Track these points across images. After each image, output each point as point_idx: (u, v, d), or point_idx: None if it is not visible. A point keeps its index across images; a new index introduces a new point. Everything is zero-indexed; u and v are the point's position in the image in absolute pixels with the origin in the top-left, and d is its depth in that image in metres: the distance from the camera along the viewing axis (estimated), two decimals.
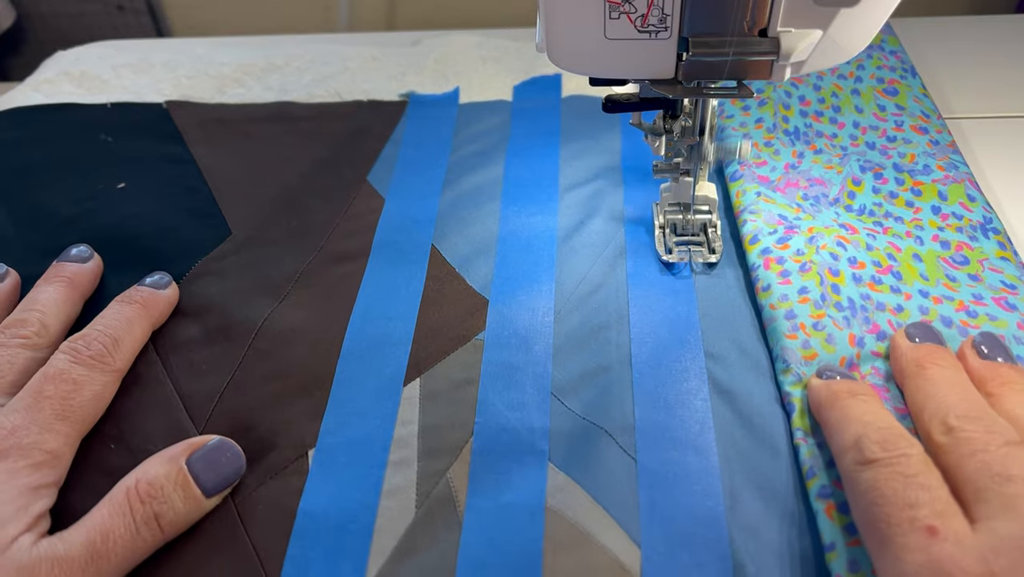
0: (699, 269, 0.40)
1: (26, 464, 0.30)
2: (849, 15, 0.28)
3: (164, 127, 0.53)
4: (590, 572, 0.29)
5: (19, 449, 0.30)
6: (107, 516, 0.29)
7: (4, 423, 0.31)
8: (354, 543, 0.30)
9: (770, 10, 0.28)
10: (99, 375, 0.34)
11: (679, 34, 0.29)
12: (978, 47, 0.57)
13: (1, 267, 0.41)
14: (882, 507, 0.26)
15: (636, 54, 0.30)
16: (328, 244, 0.44)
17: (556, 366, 0.37)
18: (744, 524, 0.30)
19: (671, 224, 0.42)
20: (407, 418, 0.35)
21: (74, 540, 0.28)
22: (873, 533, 0.26)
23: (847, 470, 0.28)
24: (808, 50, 0.28)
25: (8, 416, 0.31)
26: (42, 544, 0.28)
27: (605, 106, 0.35)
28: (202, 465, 0.31)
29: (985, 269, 0.38)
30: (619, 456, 0.33)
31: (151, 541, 0.30)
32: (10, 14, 0.82)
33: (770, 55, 0.28)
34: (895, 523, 0.25)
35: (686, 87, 0.31)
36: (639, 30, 0.29)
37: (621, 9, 0.28)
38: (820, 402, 0.32)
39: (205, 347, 0.38)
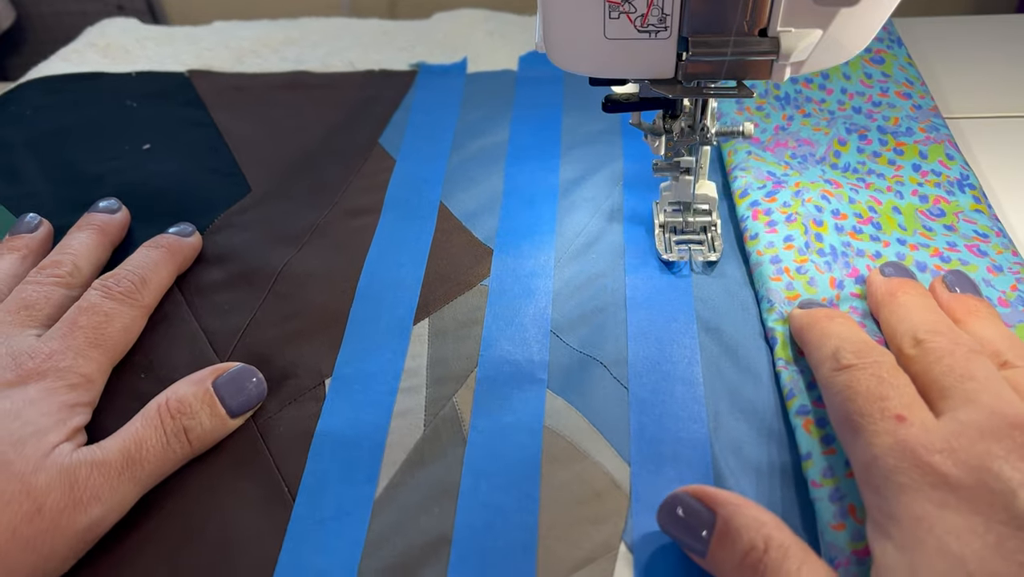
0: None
1: (63, 384, 0.33)
2: (849, 15, 0.28)
3: (186, 94, 0.56)
4: (584, 483, 0.32)
5: (56, 371, 0.33)
6: (140, 428, 0.32)
7: (42, 348, 0.34)
8: (367, 456, 0.33)
9: (770, 10, 0.28)
10: (128, 309, 0.37)
11: (679, 34, 0.29)
12: (978, 47, 0.57)
13: (35, 218, 0.43)
14: (855, 402, 0.28)
15: (636, 54, 0.30)
16: (342, 200, 0.47)
17: (555, 309, 0.39)
18: (726, 443, 0.33)
19: (671, 224, 0.42)
20: (417, 352, 0.37)
21: (111, 448, 0.31)
22: (847, 426, 0.28)
23: (825, 378, 0.31)
24: (808, 50, 0.29)
25: (46, 343, 0.34)
26: (81, 450, 0.31)
27: (605, 106, 0.35)
28: (227, 388, 0.34)
29: (960, 220, 0.41)
30: (612, 385, 0.35)
31: (180, 453, 0.32)
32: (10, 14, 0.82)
33: (770, 55, 0.28)
34: (867, 414, 0.27)
35: (686, 87, 0.31)
36: (639, 30, 0.29)
37: (621, 9, 0.28)
38: (801, 326, 0.34)
39: (228, 290, 0.41)
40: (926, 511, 0.23)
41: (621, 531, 0.30)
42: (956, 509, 0.23)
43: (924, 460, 0.24)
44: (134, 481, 0.31)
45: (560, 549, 0.30)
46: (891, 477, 0.25)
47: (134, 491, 0.31)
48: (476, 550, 0.30)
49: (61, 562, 0.29)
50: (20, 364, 0.32)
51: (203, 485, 0.33)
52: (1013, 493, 0.22)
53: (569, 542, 0.30)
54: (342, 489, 0.32)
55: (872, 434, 0.26)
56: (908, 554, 0.23)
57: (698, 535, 0.27)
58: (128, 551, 0.30)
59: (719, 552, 0.27)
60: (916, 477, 0.24)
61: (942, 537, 0.22)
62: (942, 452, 0.24)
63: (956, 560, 0.22)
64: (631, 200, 0.45)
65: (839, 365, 0.30)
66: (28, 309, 0.36)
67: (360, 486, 0.32)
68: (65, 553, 0.29)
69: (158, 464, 0.31)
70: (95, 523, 0.29)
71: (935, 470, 0.24)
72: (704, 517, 0.27)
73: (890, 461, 0.25)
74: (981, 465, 0.23)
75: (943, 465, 0.24)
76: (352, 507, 0.31)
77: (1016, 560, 0.21)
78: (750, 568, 0.25)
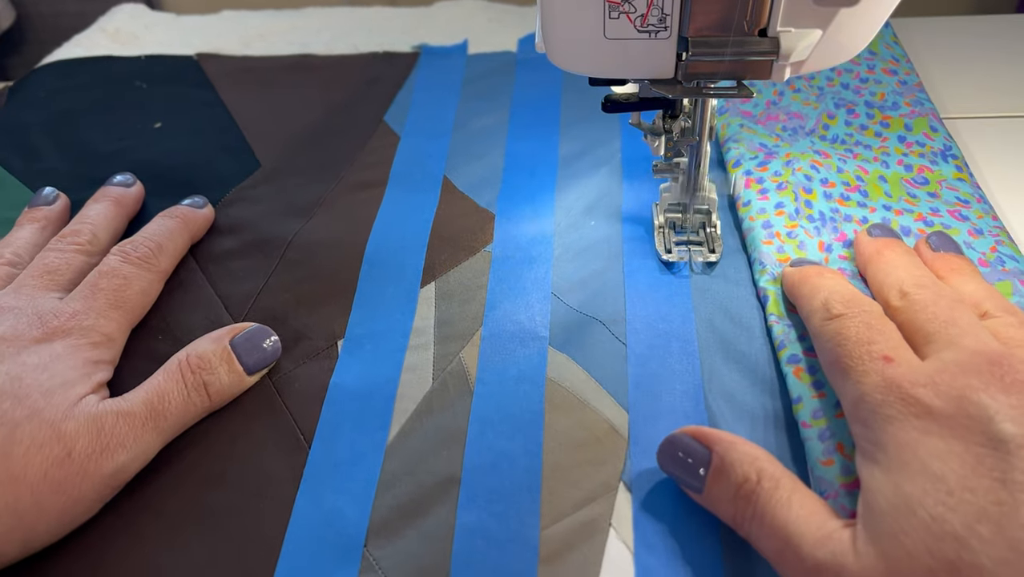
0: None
1: (86, 342, 0.34)
2: (849, 15, 0.28)
3: (195, 76, 0.57)
4: (585, 429, 0.33)
5: (80, 329, 0.35)
6: (163, 381, 0.33)
7: (66, 308, 0.35)
8: (379, 407, 0.35)
9: (770, 10, 0.28)
10: (146, 273, 0.39)
11: (679, 34, 0.29)
12: (978, 47, 0.57)
13: (53, 191, 0.45)
14: (844, 347, 0.29)
15: (636, 54, 0.30)
16: (349, 174, 0.48)
17: (556, 272, 0.41)
18: (720, 392, 0.34)
19: (670, 224, 0.42)
20: (424, 314, 0.39)
21: (135, 399, 0.33)
22: (837, 369, 0.30)
23: (816, 327, 0.32)
24: (808, 50, 0.29)
25: (69, 303, 0.36)
26: (107, 401, 0.32)
27: (605, 106, 0.35)
28: (244, 346, 0.36)
29: (943, 188, 0.43)
30: (611, 341, 0.37)
31: (200, 406, 0.34)
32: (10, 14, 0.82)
33: (770, 55, 0.28)
34: (855, 357, 0.29)
35: (686, 87, 0.31)
36: (639, 30, 0.29)
37: (621, 9, 0.28)
38: (793, 282, 0.36)
39: (240, 258, 0.43)
40: (911, 437, 0.25)
41: (620, 472, 0.32)
42: (938, 435, 0.24)
43: (909, 393, 0.26)
44: (157, 431, 0.32)
45: (562, 489, 0.31)
46: (878, 410, 0.26)
47: (157, 440, 0.32)
48: (483, 489, 0.31)
49: (89, 505, 0.30)
50: (46, 323, 0.34)
51: (223, 436, 0.34)
52: (990, 419, 0.24)
53: (571, 483, 0.31)
54: (355, 436, 0.34)
55: (861, 374, 0.28)
56: (894, 475, 0.25)
57: (695, 473, 0.29)
58: (153, 496, 0.32)
59: (714, 487, 0.28)
60: (901, 409, 0.26)
61: (925, 459, 0.24)
62: (926, 386, 0.26)
63: (938, 478, 0.23)
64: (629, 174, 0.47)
65: (829, 315, 0.31)
66: (51, 274, 0.38)
67: (373, 433, 0.34)
68: (92, 496, 0.30)
69: (179, 416, 0.33)
70: (120, 469, 0.31)
71: (919, 402, 0.26)
72: (701, 455, 0.29)
73: (877, 396, 0.27)
74: (961, 396, 0.25)
75: (926, 397, 0.26)
76: (365, 451, 0.33)
77: (992, 476, 0.23)
78: (743, 499, 0.27)
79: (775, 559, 0.26)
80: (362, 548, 0.30)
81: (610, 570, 0.29)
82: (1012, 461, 0.22)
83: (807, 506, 0.26)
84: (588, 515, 0.30)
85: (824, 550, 0.25)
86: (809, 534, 0.25)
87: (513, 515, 0.31)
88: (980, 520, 0.22)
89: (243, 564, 0.30)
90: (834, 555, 0.24)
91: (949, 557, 0.22)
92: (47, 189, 0.45)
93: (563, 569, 0.29)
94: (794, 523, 0.26)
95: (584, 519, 0.30)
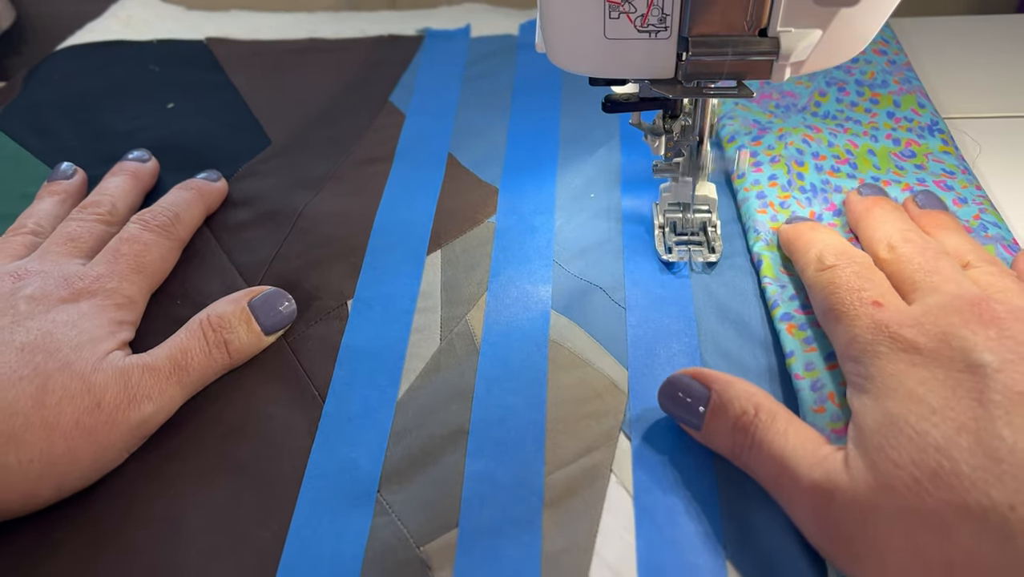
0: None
1: (110, 303, 0.36)
2: (849, 15, 0.28)
3: (206, 59, 0.59)
4: (586, 386, 0.35)
5: (104, 292, 0.36)
6: (185, 339, 0.35)
7: (90, 272, 0.37)
8: (389, 365, 0.36)
9: (770, 10, 0.28)
10: (164, 240, 0.41)
11: (679, 34, 0.29)
12: (978, 47, 0.57)
13: (71, 166, 0.47)
14: (836, 295, 0.32)
15: (636, 54, 0.30)
16: (356, 150, 0.50)
17: (558, 242, 0.42)
18: (715, 350, 0.36)
19: (670, 223, 0.42)
20: (430, 279, 0.41)
21: (159, 355, 0.34)
22: (830, 316, 0.32)
23: (810, 278, 0.34)
24: (808, 50, 0.29)
25: (93, 268, 0.37)
26: (133, 356, 0.34)
27: (605, 106, 0.35)
28: (261, 307, 0.37)
29: (929, 160, 0.44)
30: (611, 306, 0.39)
31: (220, 363, 0.35)
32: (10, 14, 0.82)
33: (770, 55, 0.28)
34: (847, 303, 0.31)
35: (686, 87, 0.31)
36: (639, 30, 0.29)
37: (621, 9, 0.28)
38: (788, 237, 0.38)
39: (254, 228, 0.44)
40: (898, 369, 0.27)
41: (620, 424, 0.33)
42: (923, 365, 0.27)
43: (897, 333, 0.28)
44: (180, 385, 0.34)
45: (565, 439, 0.33)
46: (868, 348, 0.29)
47: (180, 394, 0.34)
48: (491, 440, 0.33)
49: (117, 453, 0.32)
50: (71, 284, 0.36)
51: (241, 392, 0.36)
52: (970, 349, 0.26)
53: (573, 434, 0.33)
54: (367, 392, 0.35)
55: (852, 318, 0.30)
56: (881, 400, 0.27)
57: (695, 411, 0.31)
58: (177, 447, 0.34)
59: (712, 423, 0.30)
60: (890, 346, 0.28)
61: (910, 385, 0.26)
62: (912, 326, 0.28)
63: (921, 400, 0.26)
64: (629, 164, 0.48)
65: (823, 266, 0.34)
66: (73, 242, 0.39)
67: (383, 389, 0.35)
68: (120, 445, 0.32)
69: (201, 371, 0.35)
70: (146, 420, 0.32)
71: (906, 339, 0.28)
72: (700, 394, 0.31)
73: (868, 336, 0.29)
74: (944, 332, 0.27)
75: (912, 335, 0.28)
76: (377, 406, 0.35)
77: (971, 396, 0.25)
78: (741, 430, 0.29)
79: (772, 484, 0.28)
80: (375, 494, 0.32)
81: (611, 512, 0.31)
82: (989, 383, 0.24)
83: (802, 434, 0.28)
84: (590, 462, 0.32)
85: (819, 470, 0.27)
86: (805, 458, 0.27)
87: (519, 463, 0.32)
88: (960, 433, 0.24)
89: (263, 508, 0.31)
90: (828, 473, 0.26)
91: (931, 466, 0.24)
92: (65, 164, 0.46)
93: (566, 512, 0.31)
94: (791, 449, 0.28)
95: (586, 466, 0.32)
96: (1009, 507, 0.22)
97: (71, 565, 0.30)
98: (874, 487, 0.25)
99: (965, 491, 0.23)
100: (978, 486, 0.23)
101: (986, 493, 0.22)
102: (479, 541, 0.30)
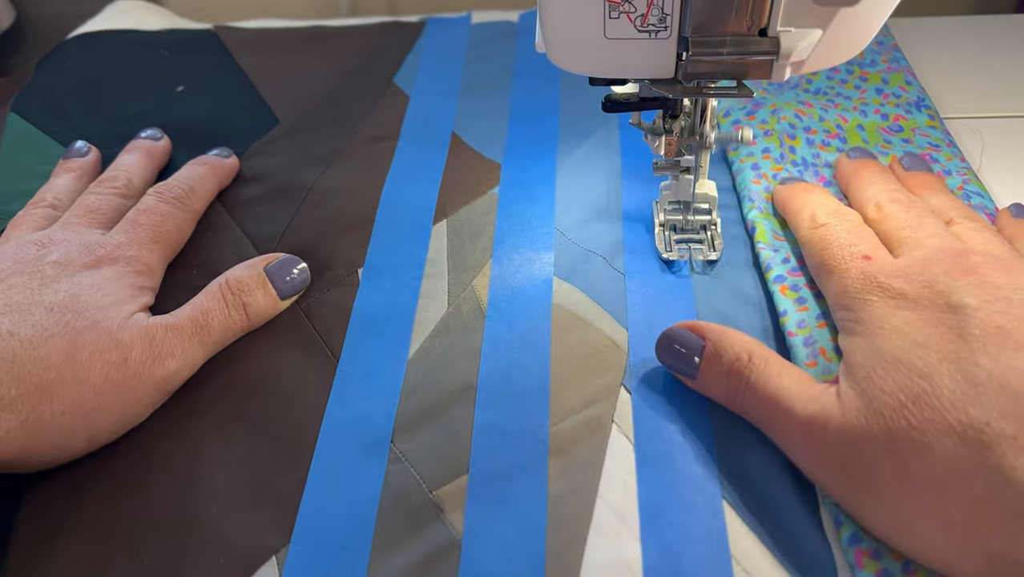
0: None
1: (131, 269, 0.38)
2: (849, 15, 0.28)
3: (214, 44, 0.60)
4: (588, 344, 0.37)
5: (125, 259, 0.38)
6: (206, 301, 0.37)
7: (111, 240, 0.38)
8: (399, 327, 0.38)
9: (770, 10, 0.28)
10: (180, 212, 0.42)
11: (679, 34, 0.29)
12: (978, 47, 0.57)
13: (85, 145, 0.48)
14: (828, 251, 0.34)
15: (636, 54, 0.30)
16: (363, 129, 0.51)
17: (559, 212, 0.44)
18: (711, 311, 0.38)
19: (671, 223, 0.42)
20: (437, 247, 0.42)
21: (182, 315, 0.36)
22: (823, 270, 0.34)
23: (804, 236, 0.37)
24: (808, 50, 0.29)
25: (113, 236, 0.39)
26: (156, 317, 0.35)
27: (605, 106, 0.35)
28: (276, 273, 0.39)
29: (916, 135, 0.46)
30: (612, 273, 0.40)
31: (240, 324, 0.37)
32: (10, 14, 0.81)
33: (770, 55, 0.28)
34: (839, 257, 0.33)
35: (686, 87, 0.31)
36: (639, 30, 0.29)
37: (621, 9, 0.28)
38: (783, 198, 0.40)
39: (265, 202, 0.46)
40: (885, 312, 0.29)
41: (621, 378, 0.35)
42: (908, 308, 0.29)
43: (884, 283, 0.30)
44: (202, 344, 0.35)
45: (569, 393, 0.35)
46: (858, 297, 0.31)
47: (202, 352, 0.36)
48: (498, 394, 0.35)
49: (143, 408, 0.34)
50: (93, 251, 0.37)
51: (258, 354, 0.37)
52: (951, 293, 0.28)
53: (577, 388, 0.35)
54: (379, 352, 0.37)
55: (844, 271, 0.32)
56: (870, 338, 0.29)
57: (690, 361, 0.32)
58: (199, 403, 0.35)
59: (708, 371, 0.32)
60: (879, 295, 0.30)
61: (897, 325, 0.28)
62: (898, 277, 0.30)
63: (908, 336, 0.28)
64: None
65: (816, 224, 0.36)
66: (92, 213, 0.41)
67: (395, 349, 0.37)
68: (146, 400, 0.33)
69: (221, 331, 0.36)
70: (171, 376, 0.34)
71: (893, 288, 0.30)
72: (695, 343, 0.33)
73: (858, 286, 0.31)
74: (929, 280, 0.29)
75: (899, 284, 0.30)
76: (389, 364, 0.36)
77: (952, 332, 0.27)
78: (736, 374, 0.31)
79: (767, 423, 0.30)
80: (389, 443, 0.33)
81: (613, 458, 0.32)
82: (968, 321, 0.27)
83: (795, 375, 0.30)
84: (592, 413, 0.34)
85: (814, 405, 0.29)
86: (799, 395, 0.29)
87: (525, 415, 0.34)
88: (941, 362, 0.26)
89: (282, 460, 0.33)
90: (823, 406, 0.28)
91: (915, 391, 0.26)
92: (79, 143, 0.48)
93: (571, 459, 0.32)
94: (785, 389, 0.30)
95: (589, 417, 0.34)
96: (985, 423, 0.24)
97: (99, 513, 0.31)
98: (864, 412, 0.27)
99: (945, 411, 0.25)
100: (957, 406, 0.25)
101: (965, 412, 0.24)
102: (488, 485, 0.31)
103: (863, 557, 0.28)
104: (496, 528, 0.30)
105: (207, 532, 0.30)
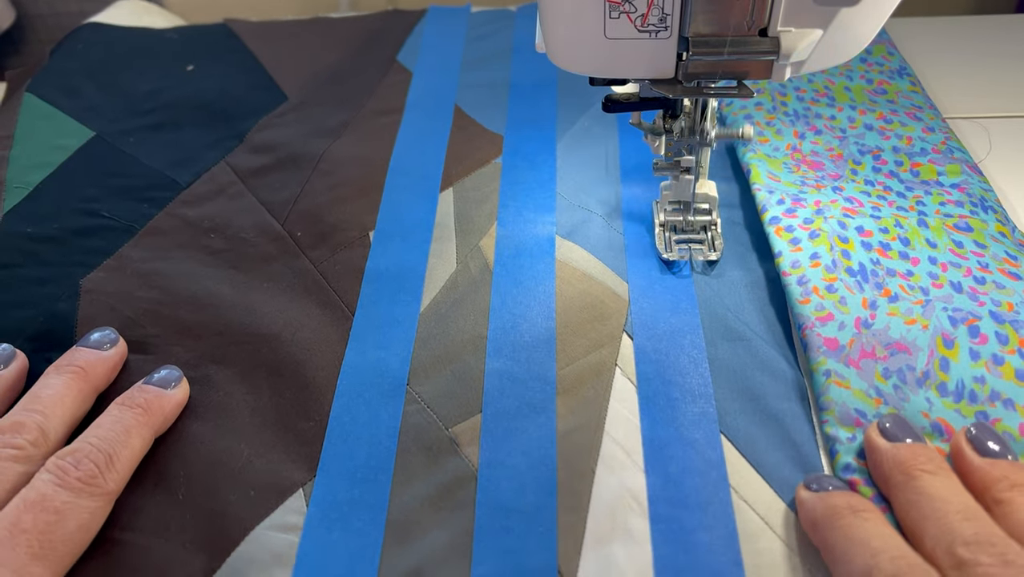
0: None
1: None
2: (849, 15, 0.28)
3: (223, 32, 0.62)
4: (591, 295, 0.39)
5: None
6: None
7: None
8: (411, 284, 0.40)
9: (770, 10, 0.28)
10: (87, 501, 0.29)
11: (679, 34, 0.29)
12: (978, 47, 0.56)
13: (7, 348, 0.35)
14: None
15: (636, 54, 0.30)
16: (369, 103, 0.53)
17: (560, 175, 0.46)
18: (709, 274, 0.40)
19: (671, 224, 0.41)
20: (444, 212, 0.44)
21: None
22: None
23: None
24: (808, 50, 0.28)
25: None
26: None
27: (605, 106, 0.35)
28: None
29: (988, 239, 0.39)
30: (611, 231, 0.42)
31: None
32: (10, 14, 0.82)
33: (770, 55, 0.28)
34: None
35: (686, 87, 0.31)
36: (639, 30, 0.29)
37: (621, 9, 0.28)
38: (816, 520, 0.28)
39: (277, 172, 0.48)
40: None
41: (623, 325, 0.37)
42: None
43: None
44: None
45: (574, 340, 0.37)
46: None
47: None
48: (507, 343, 0.37)
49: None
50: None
51: (275, 309, 0.39)
52: None
53: (581, 335, 0.37)
54: (392, 307, 0.39)
55: None
56: None
57: None
58: (226, 354, 0.37)
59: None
60: None
61: None
62: None
63: None
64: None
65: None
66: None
67: (407, 305, 0.39)
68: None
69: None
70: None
71: None
72: None
73: None
74: None
75: None
76: (402, 317, 0.38)
77: None
78: None
79: None
80: (405, 386, 0.35)
81: (617, 399, 0.34)
82: None
83: None
84: (597, 358, 0.36)
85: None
86: None
87: (534, 361, 0.36)
88: None
89: (304, 403, 0.35)
90: None
91: None
92: (2, 346, 0.36)
93: (578, 399, 0.34)
94: None
95: (594, 361, 0.36)
96: None
97: None
98: None
99: None
100: None
101: None
102: (501, 423, 0.33)
103: (856, 486, 0.30)
104: (509, 461, 0.32)
105: (237, 468, 0.32)
